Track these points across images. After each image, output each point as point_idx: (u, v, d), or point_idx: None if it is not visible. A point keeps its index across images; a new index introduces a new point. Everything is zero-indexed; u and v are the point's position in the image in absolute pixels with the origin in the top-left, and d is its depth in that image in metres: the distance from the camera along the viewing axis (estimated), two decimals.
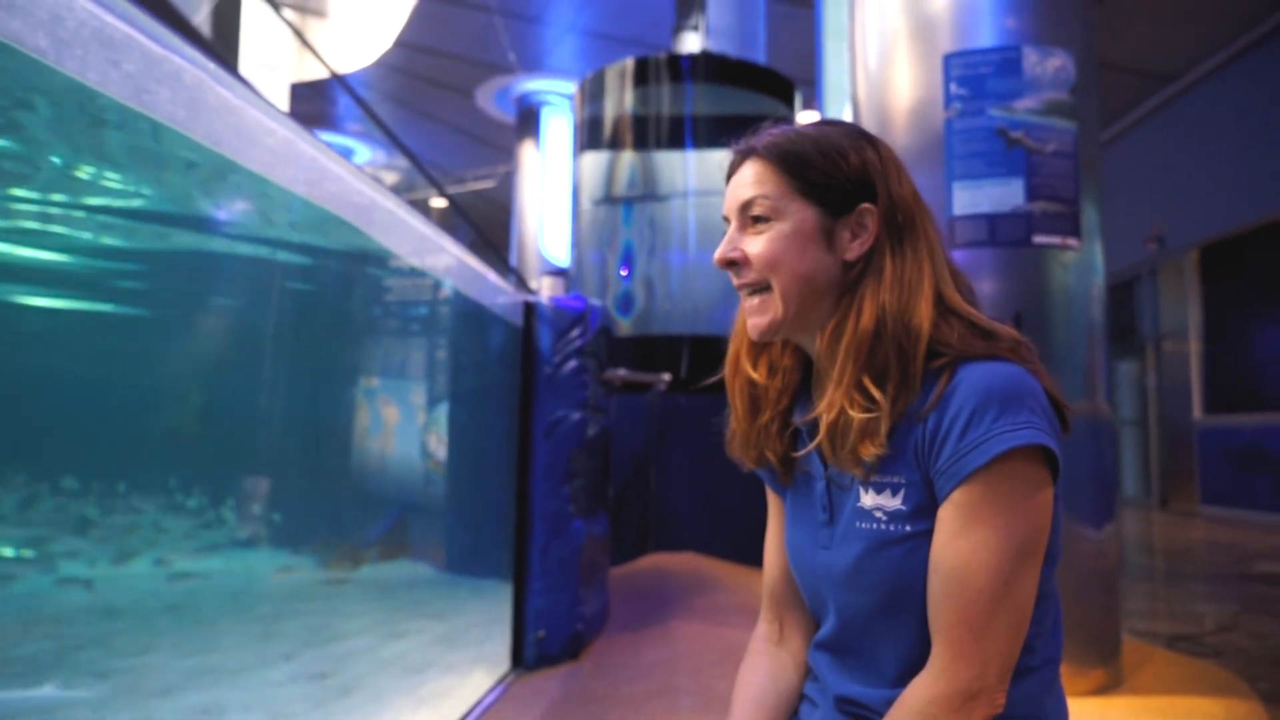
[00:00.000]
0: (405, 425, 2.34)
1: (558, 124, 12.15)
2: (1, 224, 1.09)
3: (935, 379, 0.80)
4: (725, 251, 0.88)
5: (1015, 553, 0.75)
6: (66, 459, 1.20)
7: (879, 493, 0.82)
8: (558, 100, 12.03)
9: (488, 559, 2.76)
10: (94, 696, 1.28)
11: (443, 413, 2.60)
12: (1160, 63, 8.67)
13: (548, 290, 3.31)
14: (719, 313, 5.07)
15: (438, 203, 14.47)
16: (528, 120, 12.37)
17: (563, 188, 11.13)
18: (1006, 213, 2.52)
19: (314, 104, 11.95)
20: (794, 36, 7.95)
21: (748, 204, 0.86)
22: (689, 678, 2.56)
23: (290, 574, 1.80)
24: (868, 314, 0.82)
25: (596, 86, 5.54)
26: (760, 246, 0.85)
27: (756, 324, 0.87)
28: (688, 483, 4.66)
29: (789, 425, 0.93)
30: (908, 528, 0.80)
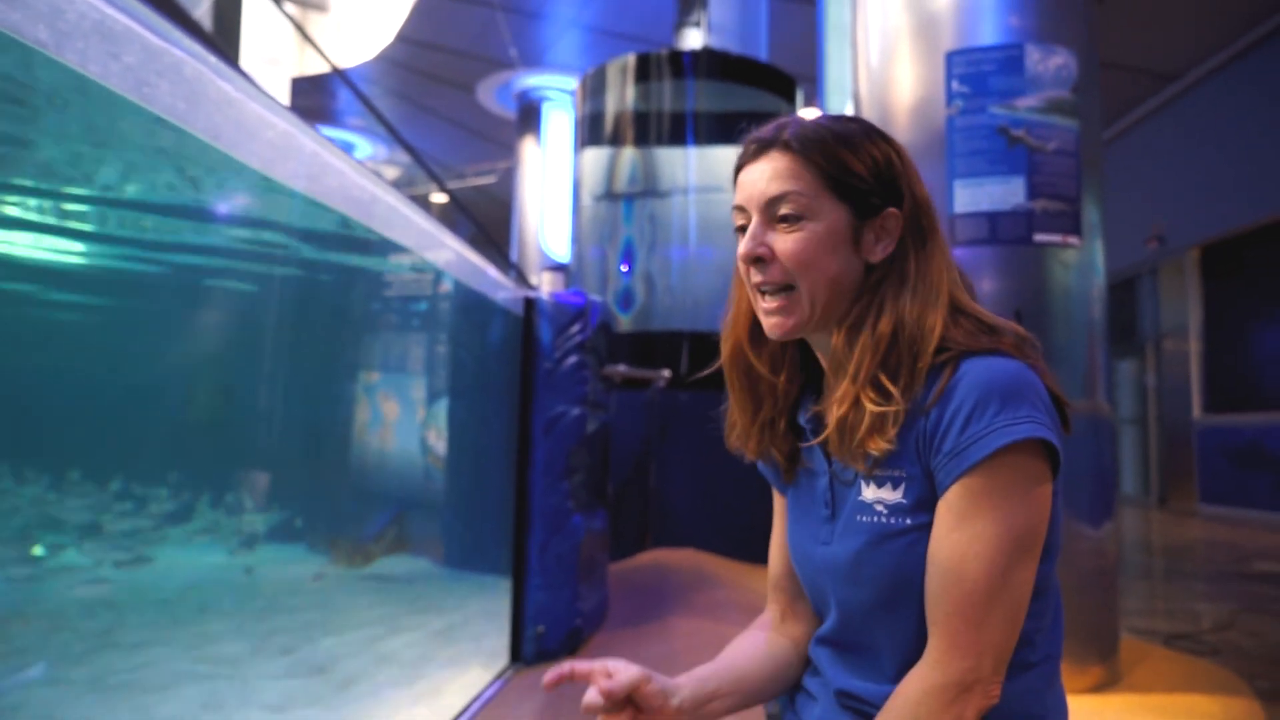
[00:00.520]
0: (405, 420, 2.34)
1: (559, 120, 12.12)
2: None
3: (938, 373, 0.80)
4: (753, 248, 0.83)
5: (1012, 545, 0.75)
6: (60, 454, 1.20)
7: (880, 486, 0.82)
8: (559, 96, 11.99)
9: (487, 554, 2.76)
10: (91, 692, 1.28)
11: (442, 408, 2.60)
12: (1162, 62, 8.66)
13: (548, 286, 3.30)
14: (719, 309, 5.04)
15: (438, 198, 14.46)
16: (529, 116, 12.34)
17: (564, 183, 11.11)
18: (1007, 211, 2.51)
19: (315, 98, 11.94)
20: (796, 33, 7.93)
21: (777, 199, 0.83)
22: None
23: (287, 569, 1.80)
24: (888, 316, 0.81)
25: (598, 82, 5.53)
26: (792, 246, 0.82)
27: (779, 323, 0.84)
28: (687, 479, 4.66)
29: (793, 422, 0.93)
30: (908, 521, 0.80)
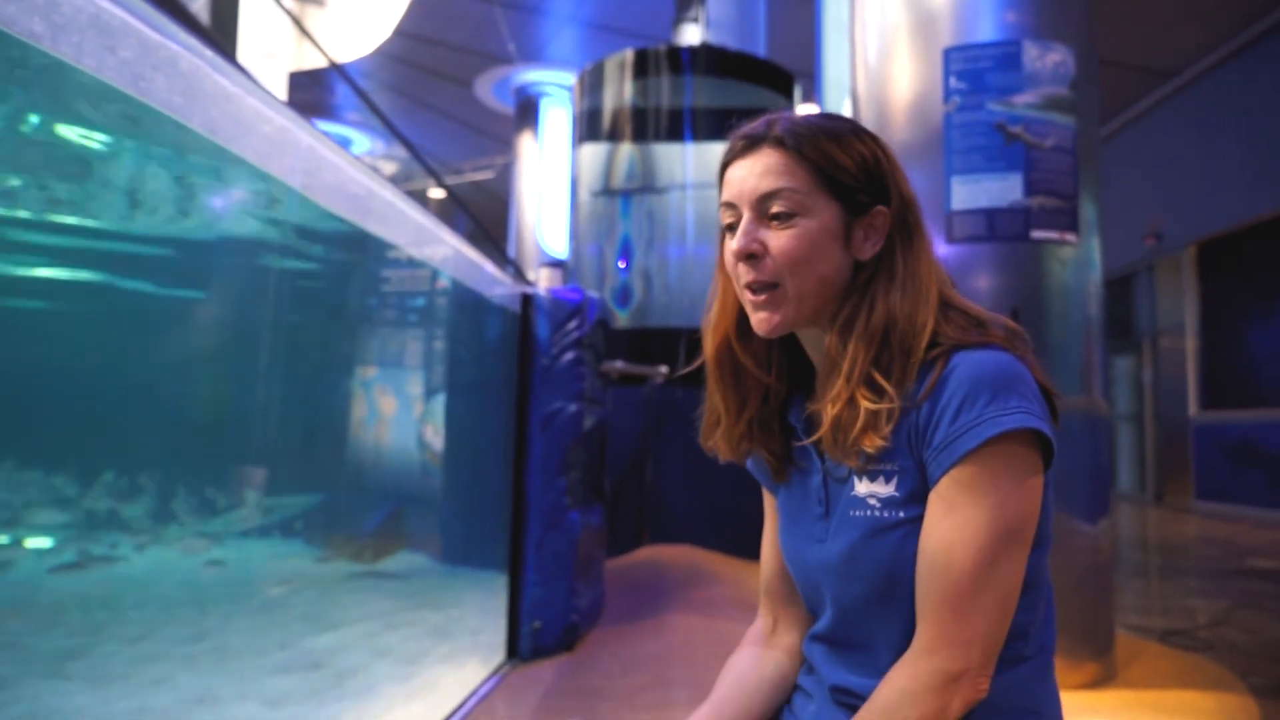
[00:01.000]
0: (402, 416, 2.34)
1: (557, 115, 12.09)
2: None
3: (930, 368, 0.80)
4: (746, 244, 0.83)
5: (1001, 534, 0.75)
6: (61, 449, 1.20)
7: (873, 480, 0.82)
8: (557, 91, 11.97)
9: (484, 550, 2.76)
10: (90, 685, 1.28)
11: (439, 404, 2.60)
12: (1159, 59, 8.66)
13: (545, 282, 3.30)
14: None
15: (436, 194, 14.43)
16: (527, 111, 12.31)
17: (561, 179, 11.10)
18: (1005, 207, 2.51)
19: (312, 93, 11.90)
20: (794, 29, 7.92)
21: (770, 196, 0.82)
22: (683, 670, 2.57)
23: (285, 563, 1.80)
24: (879, 313, 0.82)
25: (596, 78, 5.52)
26: (786, 243, 0.82)
27: (766, 319, 0.84)
28: (684, 476, 4.66)
29: (783, 421, 0.93)
30: (901, 514, 0.80)
